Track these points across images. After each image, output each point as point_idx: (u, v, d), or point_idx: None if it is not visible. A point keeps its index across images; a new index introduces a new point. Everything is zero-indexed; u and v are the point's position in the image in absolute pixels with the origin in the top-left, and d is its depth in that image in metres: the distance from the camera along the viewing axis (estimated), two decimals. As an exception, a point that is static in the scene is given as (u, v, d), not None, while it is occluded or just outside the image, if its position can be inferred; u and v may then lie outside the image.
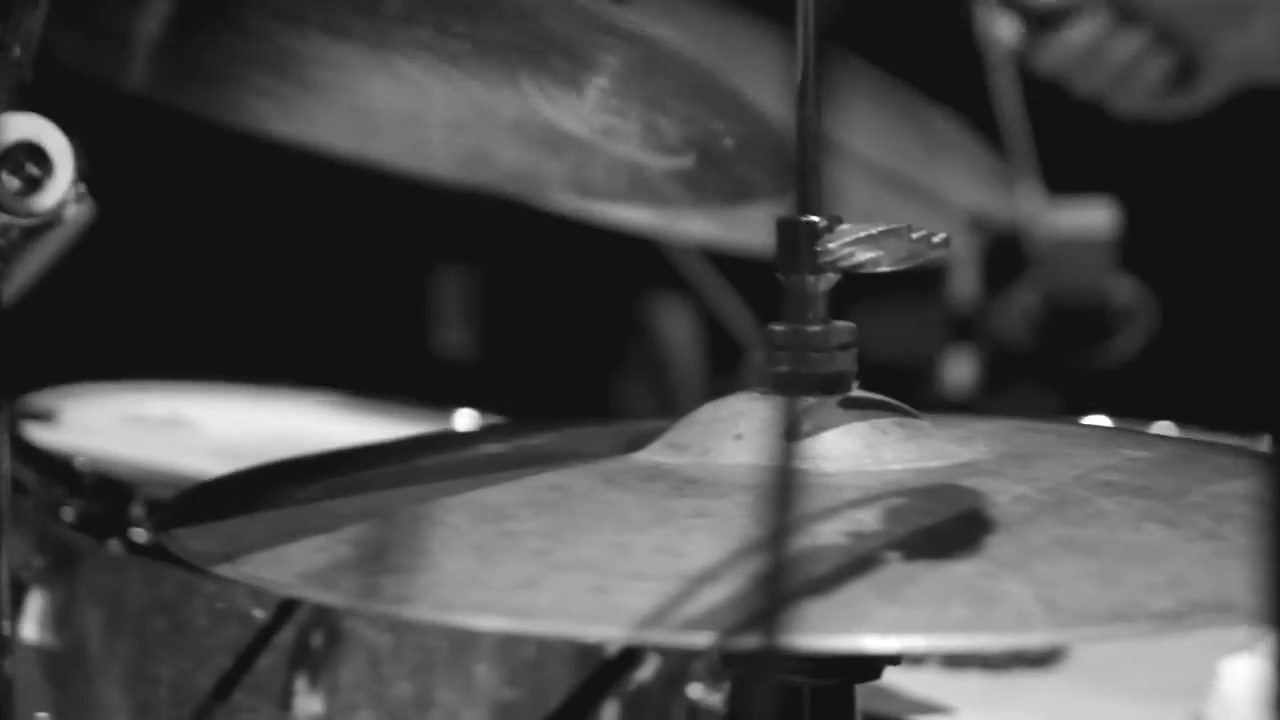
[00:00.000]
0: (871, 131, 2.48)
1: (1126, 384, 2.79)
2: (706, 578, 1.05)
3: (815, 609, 1.02)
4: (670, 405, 3.01)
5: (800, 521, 1.10)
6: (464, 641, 1.81)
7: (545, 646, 1.84)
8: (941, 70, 2.66)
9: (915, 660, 1.83)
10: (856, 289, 1.29)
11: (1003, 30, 2.51)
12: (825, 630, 1.02)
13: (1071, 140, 2.68)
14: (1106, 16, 2.41)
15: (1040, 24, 2.45)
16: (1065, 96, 2.55)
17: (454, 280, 3.29)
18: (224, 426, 2.12)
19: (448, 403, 2.15)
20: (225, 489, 1.28)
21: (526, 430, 1.38)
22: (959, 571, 1.07)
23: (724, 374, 2.92)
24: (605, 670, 1.75)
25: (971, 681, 1.80)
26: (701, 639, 1.02)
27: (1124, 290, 2.76)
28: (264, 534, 1.16)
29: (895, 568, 1.07)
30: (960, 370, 2.85)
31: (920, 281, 2.89)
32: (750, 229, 2.31)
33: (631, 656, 1.73)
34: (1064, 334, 2.81)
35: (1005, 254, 2.75)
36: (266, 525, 1.18)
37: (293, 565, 1.11)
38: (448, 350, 3.26)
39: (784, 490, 0.93)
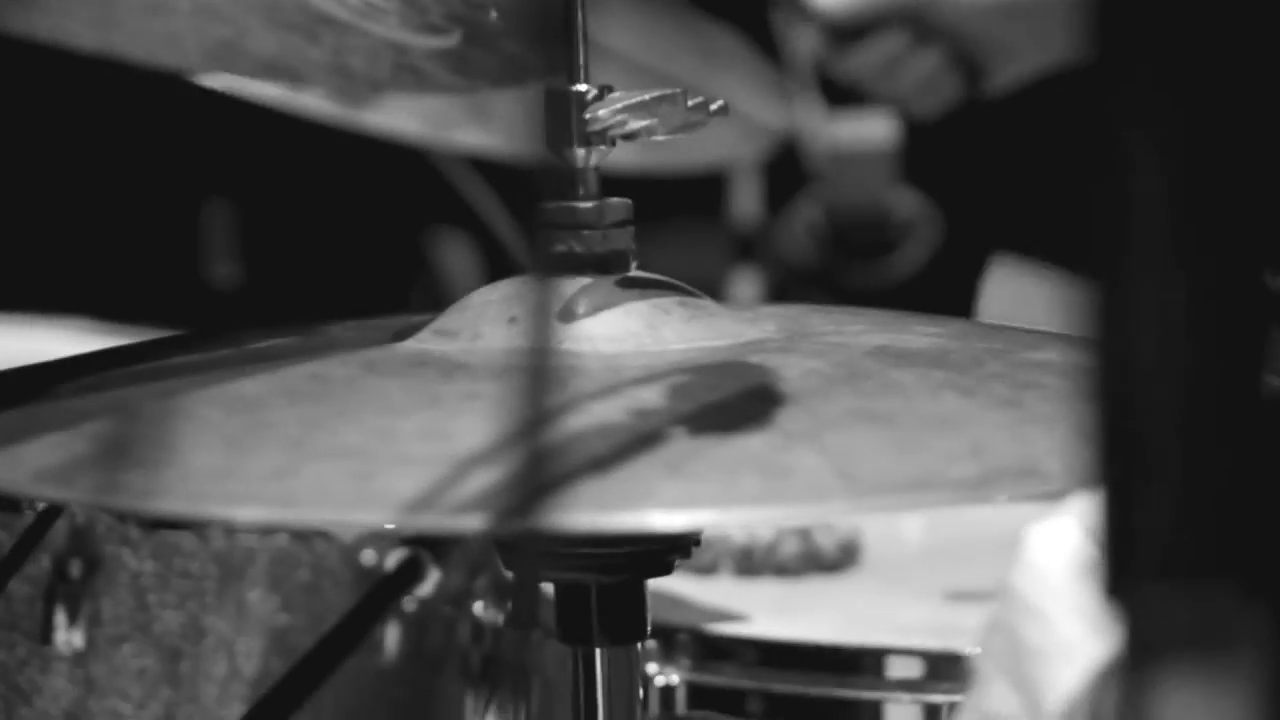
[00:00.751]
0: (645, 38, 2.42)
1: (909, 297, 2.76)
2: (476, 460, 0.98)
3: (594, 487, 0.95)
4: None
5: (564, 400, 1.03)
6: (234, 567, 1.73)
7: (319, 569, 1.76)
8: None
9: (708, 569, 1.77)
10: (638, 212, 1.23)
11: (802, 41, 2.55)
12: (606, 508, 0.95)
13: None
14: (903, 34, 2.46)
15: (839, 38, 2.49)
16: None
17: (223, 212, 3.19)
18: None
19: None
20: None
21: (288, 330, 1.29)
22: (749, 445, 1.01)
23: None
24: (381, 589, 1.66)
25: (766, 589, 1.75)
26: (472, 522, 0.95)
27: (906, 203, 2.73)
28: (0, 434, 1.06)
29: (681, 443, 1.00)
30: (745, 289, 2.81)
31: (702, 201, 2.85)
32: (521, 135, 2.24)
33: (409, 573, 1.65)
34: (847, 248, 2.77)
35: (786, 170, 2.70)
36: (2, 425, 1.09)
37: (26, 464, 1.02)
38: (216, 282, 3.15)
39: (543, 369, 0.86)
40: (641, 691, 1.26)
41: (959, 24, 2.45)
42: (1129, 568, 0.64)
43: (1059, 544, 0.90)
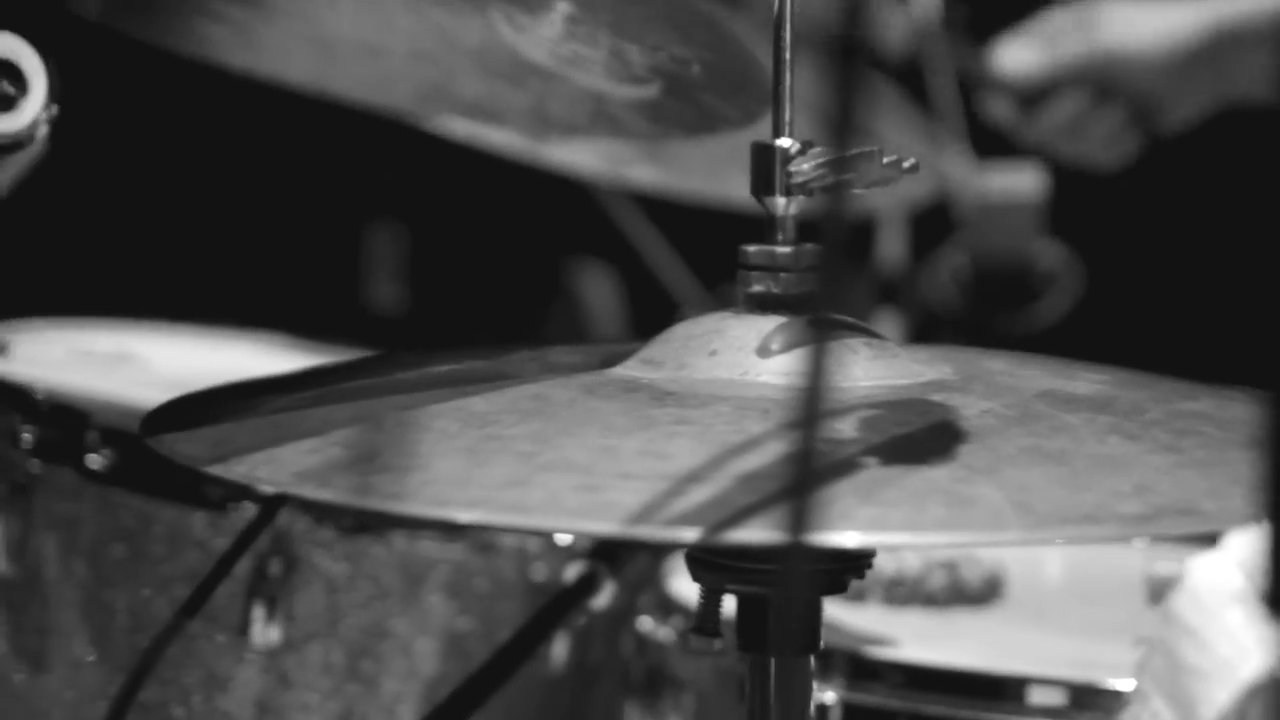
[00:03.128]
0: (822, 86, 2.52)
1: (1052, 348, 2.84)
2: (691, 478, 1.09)
3: (819, 510, 1.05)
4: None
5: (767, 429, 1.13)
6: (418, 573, 1.84)
7: (496, 579, 1.87)
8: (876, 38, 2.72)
9: (859, 598, 1.87)
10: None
11: (997, 109, 2.69)
12: (810, 528, 1.05)
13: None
14: (1086, 94, 2.59)
15: (1028, 103, 2.62)
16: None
17: (387, 236, 3.32)
18: (171, 362, 2.14)
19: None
20: (210, 400, 1.30)
21: (501, 350, 1.40)
22: (934, 476, 1.11)
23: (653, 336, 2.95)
24: (556, 603, 1.78)
25: (913, 618, 1.85)
26: (690, 534, 1.05)
27: (1050, 254, 2.81)
28: (254, 438, 1.18)
29: (873, 472, 1.11)
30: (888, 333, 2.89)
31: (849, 245, 2.92)
32: (694, 176, 2.35)
33: (586, 586, 1.76)
34: (990, 297, 2.86)
35: (933, 217, 2.79)
36: (256, 430, 1.21)
37: (286, 466, 1.13)
38: (379, 303, 3.28)
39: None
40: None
41: (1137, 80, 2.56)
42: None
43: (1218, 575, 1.00)
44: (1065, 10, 2.64)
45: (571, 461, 1.11)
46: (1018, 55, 2.65)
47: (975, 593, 1.89)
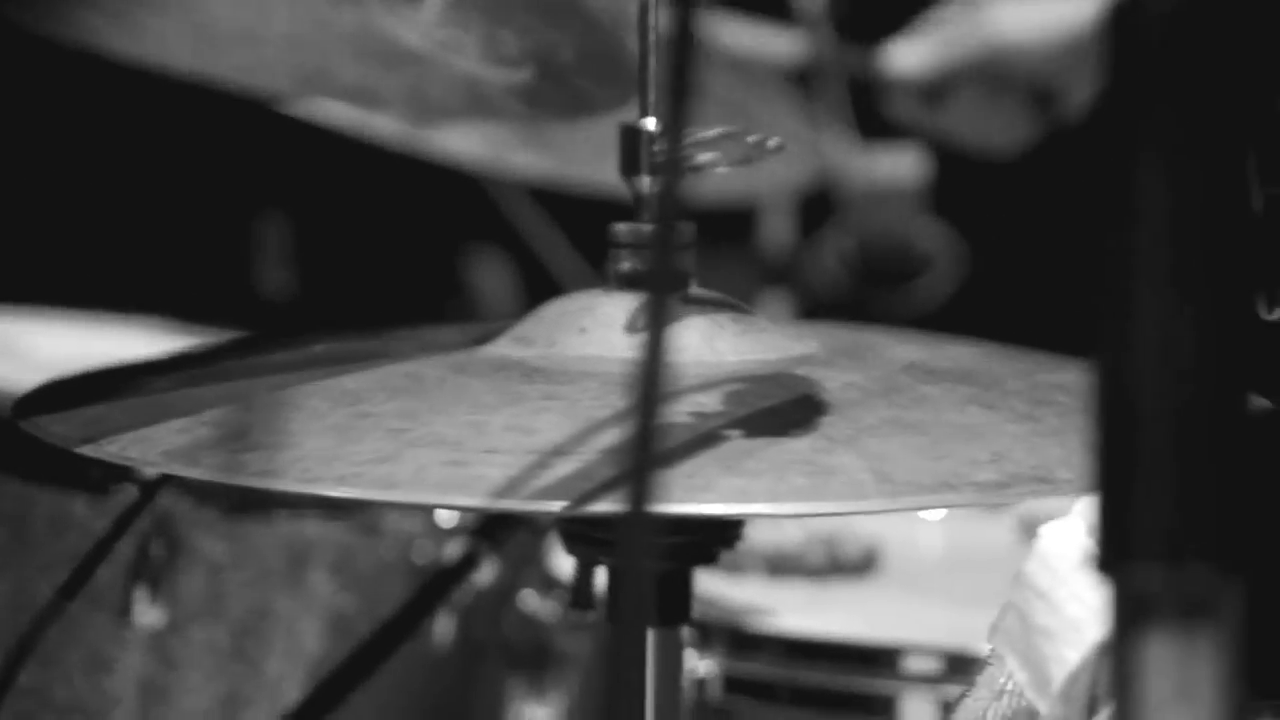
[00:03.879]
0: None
1: (934, 327, 2.88)
2: (557, 452, 1.11)
3: (662, 479, 1.08)
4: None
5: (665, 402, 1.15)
6: (301, 554, 1.86)
7: (378, 560, 1.89)
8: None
9: (740, 569, 1.90)
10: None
11: (898, 106, 2.74)
12: (673, 499, 1.08)
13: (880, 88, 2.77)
14: (983, 87, 2.65)
15: (927, 98, 2.67)
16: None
17: (276, 223, 3.32)
18: (52, 348, 2.14)
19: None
20: (84, 383, 1.31)
21: (374, 331, 1.42)
22: (796, 447, 1.14)
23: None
24: (440, 577, 1.80)
25: (794, 590, 1.88)
26: (554, 506, 1.08)
27: (931, 234, 2.85)
28: (126, 418, 1.20)
29: (736, 444, 1.13)
30: (774, 314, 2.93)
31: (733, 228, 2.96)
32: (580, 163, 2.37)
33: (467, 563, 1.78)
34: (873, 277, 2.89)
35: (817, 200, 2.83)
36: (128, 411, 1.22)
37: (156, 445, 1.15)
38: (267, 290, 3.29)
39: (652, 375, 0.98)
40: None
41: (1032, 70, 2.61)
42: (1123, 550, 0.77)
43: (1067, 539, 1.03)
44: (954, 6, 2.69)
45: (440, 437, 1.13)
46: (910, 54, 2.70)
47: (853, 565, 1.93)
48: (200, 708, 1.84)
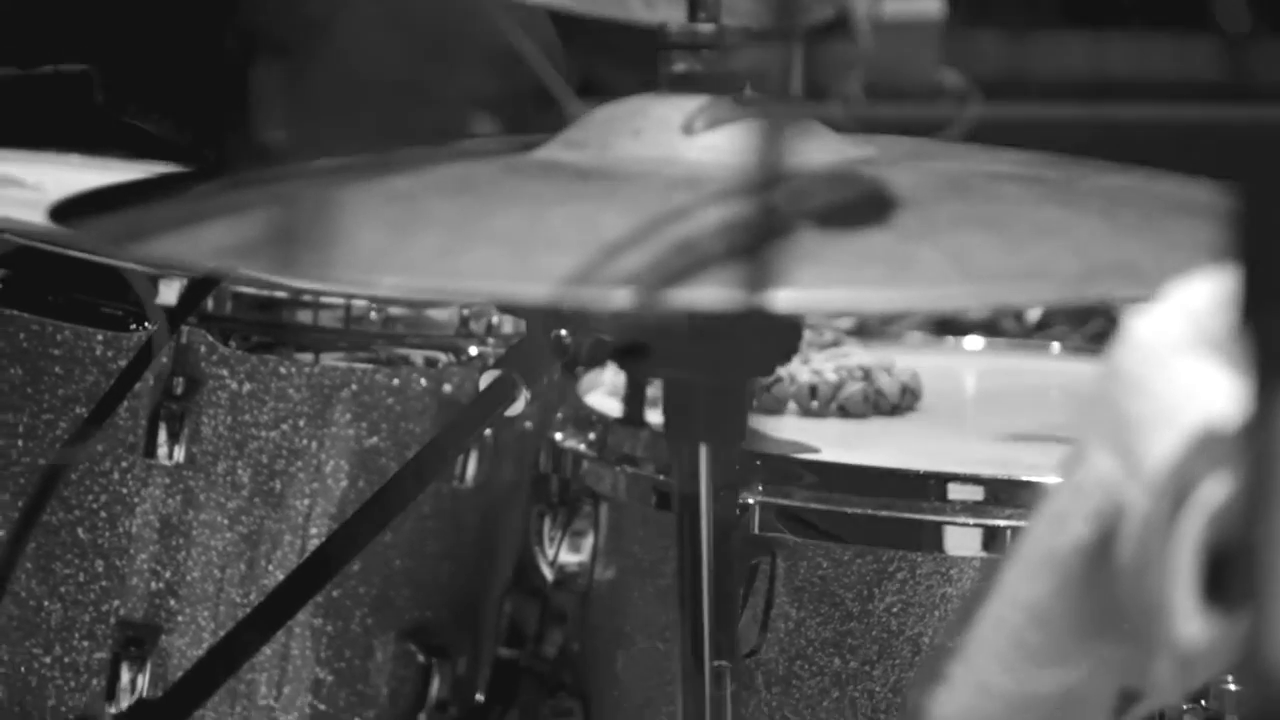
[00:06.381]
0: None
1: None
2: (624, 244, 1.06)
3: (732, 272, 1.03)
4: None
5: (696, 201, 1.11)
6: (324, 390, 1.81)
7: (405, 396, 1.84)
8: None
9: (776, 410, 1.86)
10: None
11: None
12: (743, 289, 1.03)
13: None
14: None
15: None
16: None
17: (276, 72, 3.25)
18: (62, 187, 2.08)
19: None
20: (123, 192, 1.26)
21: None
22: (872, 240, 1.09)
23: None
24: (473, 408, 1.74)
25: (831, 427, 1.84)
26: (625, 297, 1.03)
27: (952, 80, 2.80)
28: (170, 221, 1.15)
29: (810, 237, 1.08)
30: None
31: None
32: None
33: (499, 393, 1.73)
34: (888, 125, 2.84)
35: (830, 39, 2.76)
36: (171, 214, 1.17)
37: (203, 243, 1.10)
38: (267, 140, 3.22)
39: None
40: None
41: None
42: (1267, 297, 0.73)
43: (1163, 325, 0.98)
44: None
45: (500, 232, 1.09)
46: None
47: (891, 402, 1.88)
48: (223, 547, 1.80)
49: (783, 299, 1.03)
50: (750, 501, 1.67)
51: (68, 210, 1.21)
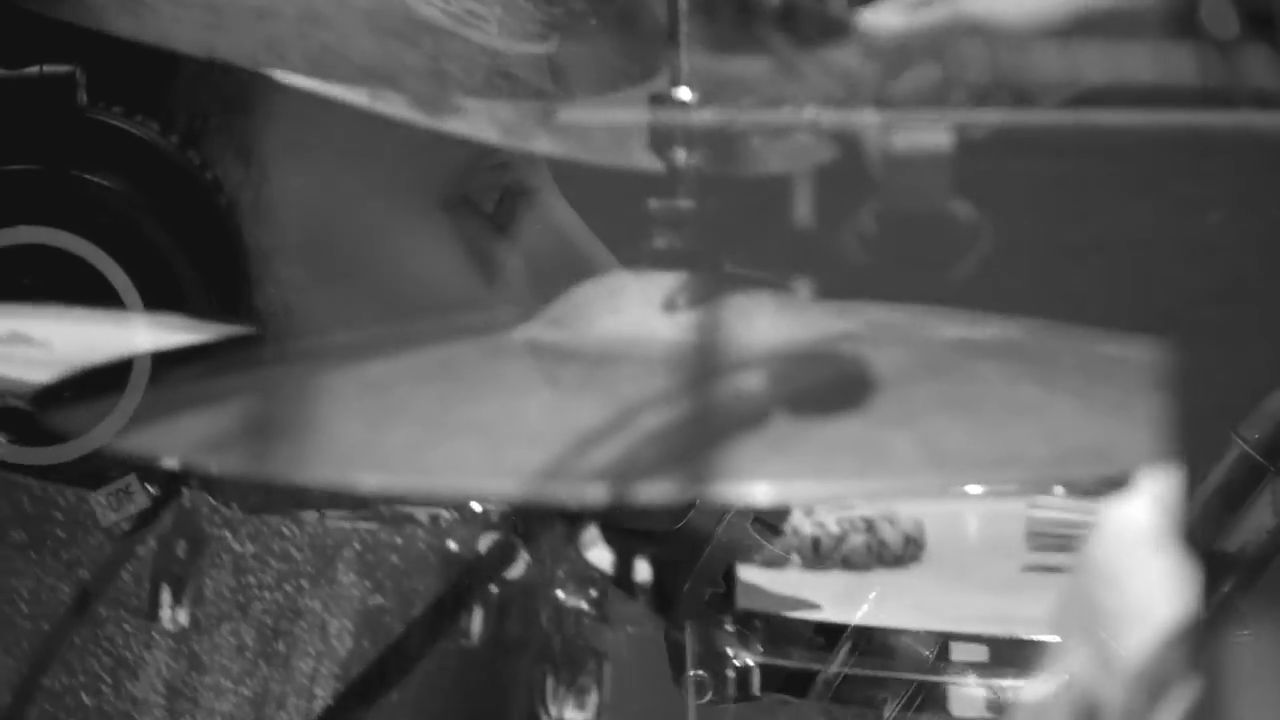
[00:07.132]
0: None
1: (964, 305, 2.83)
2: (598, 436, 1.06)
3: (707, 463, 1.04)
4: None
5: (671, 385, 1.11)
6: (328, 550, 1.81)
7: (409, 554, 1.84)
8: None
9: (779, 562, 1.85)
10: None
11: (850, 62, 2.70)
12: (721, 485, 1.03)
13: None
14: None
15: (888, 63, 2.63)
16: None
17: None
18: (69, 344, 2.09)
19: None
20: (101, 375, 1.27)
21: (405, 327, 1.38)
22: (845, 427, 1.09)
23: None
24: (472, 571, 1.75)
25: (834, 581, 1.83)
26: (597, 491, 1.03)
27: (964, 210, 2.81)
28: (147, 411, 1.15)
29: (783, 425, 1.09)
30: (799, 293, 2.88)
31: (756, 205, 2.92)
32: (598, 148, 2.32)
33: (499, 556, 1.73)
34: (899, 256, 2.85)
35: (842, 176, 2.78)
36: (148, 403, 1.18)
37: (180, 436, 1.11)
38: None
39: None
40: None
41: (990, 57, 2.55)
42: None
43: (1132, 517, 0.99)
44: None
45: (475, 423, 1.09)
46: (881, 16, 2.64)
47: (895, 554, 1.88)
48: (229, 710, 1.80)
49: (750, 493, 1.03)
50: (750, 664, 1.66)
51: (47, 398, 1.22)
